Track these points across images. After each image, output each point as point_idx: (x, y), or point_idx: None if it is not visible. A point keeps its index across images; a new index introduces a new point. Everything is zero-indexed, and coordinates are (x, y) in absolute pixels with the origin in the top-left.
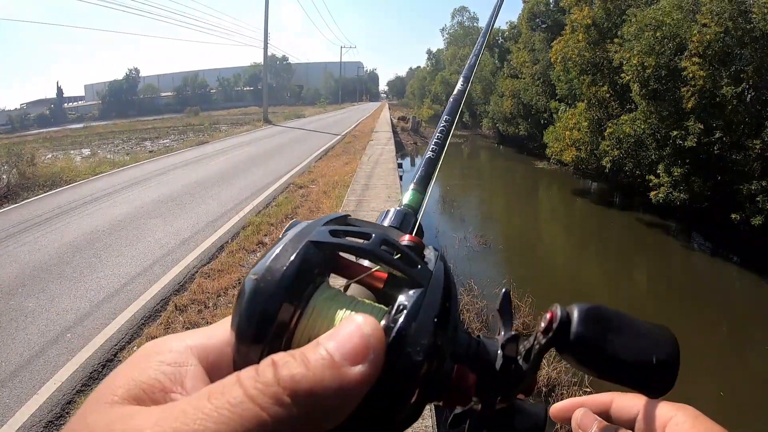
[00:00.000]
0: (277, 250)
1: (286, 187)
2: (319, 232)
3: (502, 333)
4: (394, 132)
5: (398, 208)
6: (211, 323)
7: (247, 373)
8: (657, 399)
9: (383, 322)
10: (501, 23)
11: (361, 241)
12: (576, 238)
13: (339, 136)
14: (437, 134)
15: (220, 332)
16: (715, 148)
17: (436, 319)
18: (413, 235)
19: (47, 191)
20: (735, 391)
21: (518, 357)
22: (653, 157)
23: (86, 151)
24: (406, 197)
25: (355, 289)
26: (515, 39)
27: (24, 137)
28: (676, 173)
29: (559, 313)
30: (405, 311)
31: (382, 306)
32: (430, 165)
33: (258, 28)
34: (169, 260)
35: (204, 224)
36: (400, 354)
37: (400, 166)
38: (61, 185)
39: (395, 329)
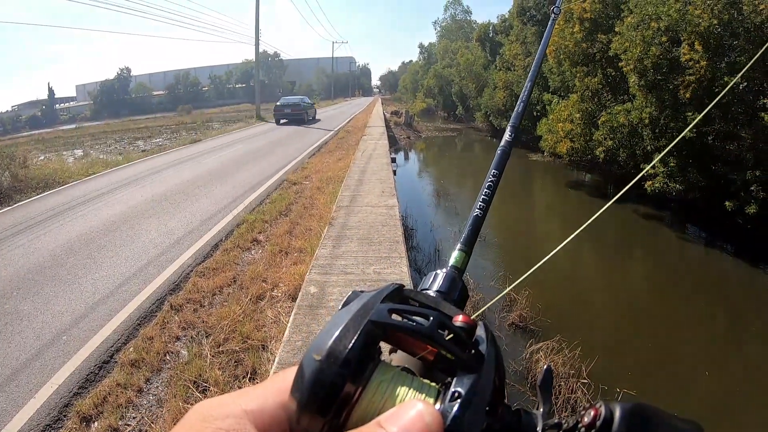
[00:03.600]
0: (339, 329)
1: (280, 184)
2: (379, 311)
3: (542, 409)
4: (387, 126)
5: (446, 271)
6: (207, 322)
7: None
8: None
9: (438, 406)
10: (492, 17)
11: (418, 320)
12: (571, 229)
13: (332, 132)
14: (485, 190)
15: (272, 395)
16: (710, 139)
17: (488, 408)
18: (459, 295)
19: (40, 193)
20: (731, 379)
21: None
22: (648, 147)
23: (79, 152)
24: (453, 258)
25: (403, 354)
26: (506, 32)
27: (16, 139)
28: (672, 163)
29: (603, 412)
30: (459, 399)
31: (435, 385)
32: (477, 223)
33: (249, 24)
34: (163, 260)
35: (198, 223)
36: None
37: (393, 160)
38: (54, 187)
39: (450, 417)
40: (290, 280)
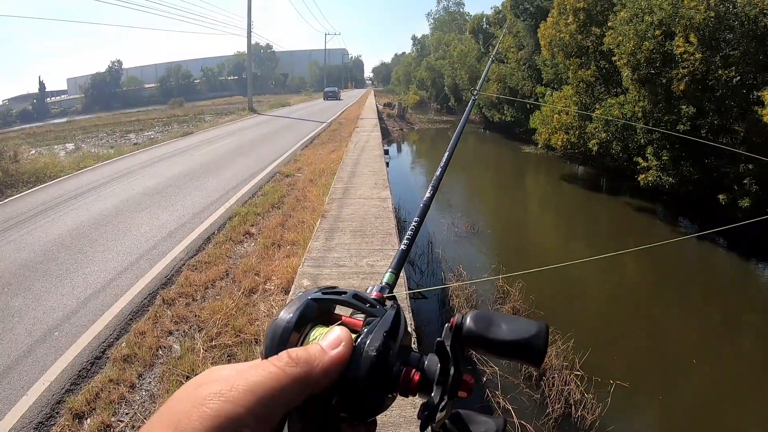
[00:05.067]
0: (290, 304)
1: (273, 176)
2: (314, 292)
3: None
4: (380, 118)
5: (380, 284)
6: (200, 317)
7: (273, 357)
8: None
9: (354, 336)
10: (484, 9)
11: (341, 295)
12: (564, 222)
13: (325, 124)
14: (408, 232)
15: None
16: (703, 132)
17: (385, 333)
18: (383, 295)
19: (31, 188)
20: (722, 368)
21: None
22: (642, 140)
23: (70, 146)
24: (385, 278)
25: None
26: (500, 24)
27: (6, 134)
28: (665, 157)
29: (457, 318)
30: (366, 329)
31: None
32: (404, 254)
33: (241, 16)
34: (155, 254)
35: (190, 216)
36: (362, 351)
37: (386, 152)
38: (46, 181)
39: (360, 337)
40: (283, 273)
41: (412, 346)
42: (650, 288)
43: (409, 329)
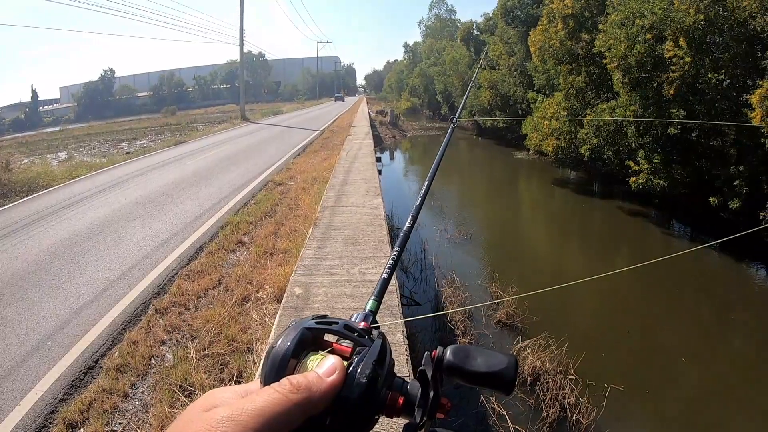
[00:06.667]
0: (287, 332)
1: (265, 185)
2: (308, 322)
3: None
4: (373, 126)
5: (364, 312)
6: (192, 326)
7: (276, 383)
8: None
9: (346, 363)
10: (476, 16)
11: (333, 325)
12: (557, 227)
13: (317, 132)
14: (390, 261)
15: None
16: (693, 135)
17: (374, 362)
18: (368, 324)
19: (24, 197)
20: (718, 374)
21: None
22: (633, 144)
23: (63, 155)
24: (368, 305)
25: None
26: (491, 31)
27: None
28: (656, 160)
29: (439, 351)
30: (357, 358)
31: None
32: (385, 283)
33: (233, 24)
34: (148, 263)
35: (183, 225)
36: (353, 377)
37: (378, 160)
38: (38, 190)
39: (352, 365)
40: (275, 281)
41: (409, 358)
42: (643, 291)
43: (405, 349)
